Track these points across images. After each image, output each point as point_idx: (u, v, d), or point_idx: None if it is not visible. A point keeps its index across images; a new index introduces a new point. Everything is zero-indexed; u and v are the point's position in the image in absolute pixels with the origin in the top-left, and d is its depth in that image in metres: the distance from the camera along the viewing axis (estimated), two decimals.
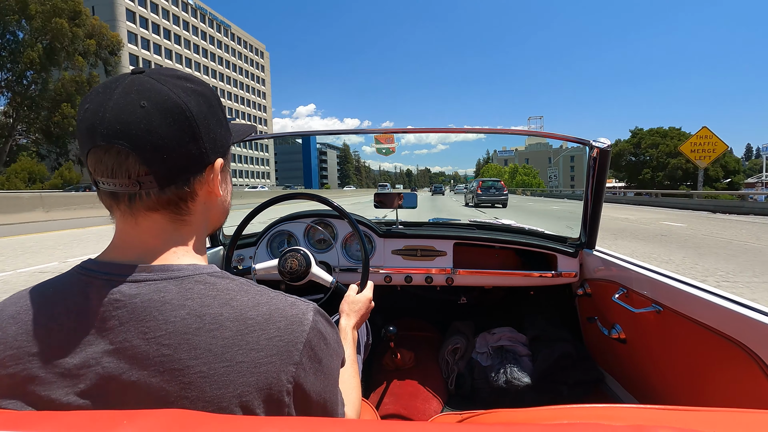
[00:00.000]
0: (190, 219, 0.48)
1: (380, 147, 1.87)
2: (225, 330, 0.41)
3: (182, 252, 0.47)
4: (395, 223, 1.77)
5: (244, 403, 0.39)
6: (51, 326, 0.41)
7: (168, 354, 0.39)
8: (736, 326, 0.84)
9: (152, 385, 0.39)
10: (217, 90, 40.34)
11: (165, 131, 0.42)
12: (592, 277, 1.52)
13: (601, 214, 1.48)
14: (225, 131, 0.50)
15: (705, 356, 0.95)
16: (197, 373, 0.39)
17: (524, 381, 1.50)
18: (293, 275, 1.12)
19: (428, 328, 2.05)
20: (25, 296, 0.44)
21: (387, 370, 1.69)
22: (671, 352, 1.09)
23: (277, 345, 0.42)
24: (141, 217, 0.45)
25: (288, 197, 1.23)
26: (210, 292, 0.43)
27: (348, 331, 0.86)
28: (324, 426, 0.32)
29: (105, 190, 0.44)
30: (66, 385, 0.39)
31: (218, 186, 0.49)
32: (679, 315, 1.01)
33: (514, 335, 1.71)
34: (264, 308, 0.43)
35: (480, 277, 1.65)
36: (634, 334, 1.26)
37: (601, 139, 1.36)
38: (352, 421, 0.41)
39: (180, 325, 0.40)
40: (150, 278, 0.42)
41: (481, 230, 1.80)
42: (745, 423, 0.40)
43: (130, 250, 0.45)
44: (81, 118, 0.43)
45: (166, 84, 0.43)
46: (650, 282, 1.14)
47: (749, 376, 0.81)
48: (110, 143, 0.41)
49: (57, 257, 5.40)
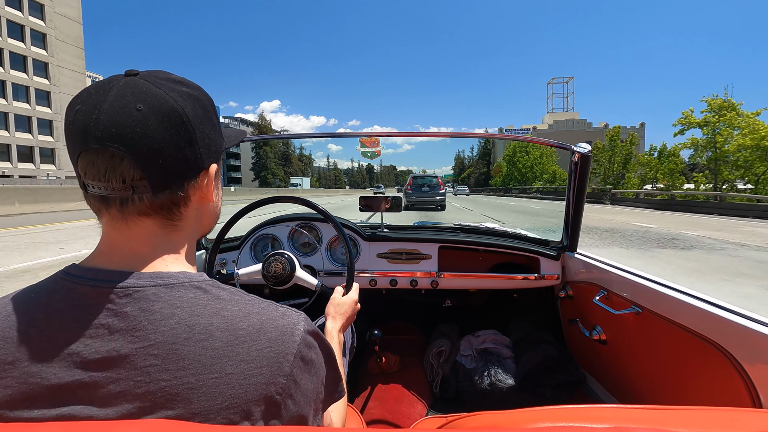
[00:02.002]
0: (181, 224, 0.47)
1: (365, 150, 1.87)
2: (215, 341, 0.40)
3: (172, 259, 0.46)
4: (380, 226, 1.77)
5: (231, 415, 0.39)
6: (31, 333, 0.39)
7: (156, 364, 0.38)
8: (712, 327, 0.87)
9: (138, 395, 0.37)
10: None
11: (161, 135, 0.41)
12: (574, 280, 1.55)
13: (582, 218, 1.51)
14: (219, 136, 0.50)
15: (682, 356, 0.98)
16: (185, 384, 0.38)
17: (508, 383, 1.52)
18: (277, 279, 1.11)
19: (413, 331, 2.06)
20: (6, 303, 0.42)
21: (372, 374, 1.68)
22: (650, 353, 1.12)
23: (268, 356, 0.41)
24: (131, 222, 0.44)
25: (273, 200, 1.21)
26: (200, 301, 0.42)
27: (334, 333, 0.85)
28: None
29: (95, 194, 0.43)
30: (47, 394, 0.37)
31: (212, 191, 0.49)
32: (658, 316, 1.04)
33: (498, 338, 1.73)
34: (255, 318, 0.43)
35: (464, 280, 1.66)
36: (615, 335, 1.29)
37: (582, 145, 1.39)
38: (337, 430, 0.41)
39: (169, 334, 0.39)
40: (139, 285, 0.41)
41: (465, 233, 1.82)
42: (721, 421, 0.41)
43: (118, 256, 0.44)
44: (71, 120, 0.41)
45: (162, 88, 0.43)
46: (629, 284, 1.17)
47: (724, 375, 0.84)
48: (104, 146, 0.40)
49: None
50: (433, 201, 13.68)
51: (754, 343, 0.77)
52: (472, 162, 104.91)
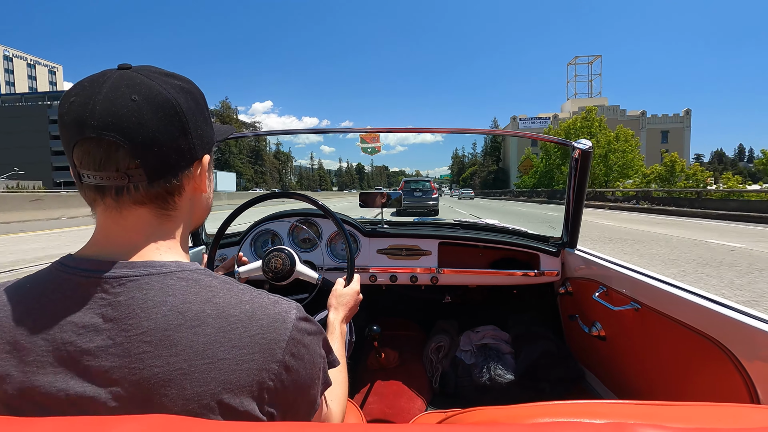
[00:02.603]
0: (175, 214, 0.48)
1: (366, 146, 1.87)
2: (207, 327, 0.40)
3: (165, 248, 0.46)
4: (380, 222, 1.77)
5: (224, 400, 0.39)
6: (25, 324, 0.40)
7: (149, 351, 0.39)
8: (710, 323, 0.87)
9: (132, 382, 0.38)
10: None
11: (156, 125, 0.42)
12: (574, 276, 1.55)
13: (582, 215, 1.51)
14: (210, 129, 0.51)
15: (681, 352, 0.98)
16: (178, 370, 0.38)
17: (507, 379, 1.52)
18: (277, 275, 1.11)
19: (413, 327, 2.06)
20: (1, 293, 0.43)
21: (372, 370, 1.69)
22: (649, 349, 1.12)
23: (260, 342, 0.42)
24: (126, 211, 0.44)
25: (274, 196, 1.21)
26: (192, 289, 0.43)
27: (336, 325, 0.85)
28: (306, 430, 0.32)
29: (90, 184, 0.43)
30: (41, 384, 0.38)
31: (205, 182, 0.50)
32: (657, 312, 1.04)
33: (497, 333, 1.73)
34: (247, 306, 0.43)
35: (464, 276, 1.67)
36: (614, 331, 1.29)
37: (583, 141, 1.39)
38: (336, 426, 0.41)
39: (161, 321, 0.40)
40: (132, 275, 0.42)
41: (465, 230, 1.82)
42: (719, 416, 0.41)
43: (113, 245, 0.44)
44: (66, 111, 0.42)
45: (155, 80, 0.44)
46: (629, 280, 1.17)
47: (723, 371, 0.84)
48: (101, 135, 0.40)
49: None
50: (426, 206, 13.34)
51: (752, 340, 0.77)
52: (474, 160, 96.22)
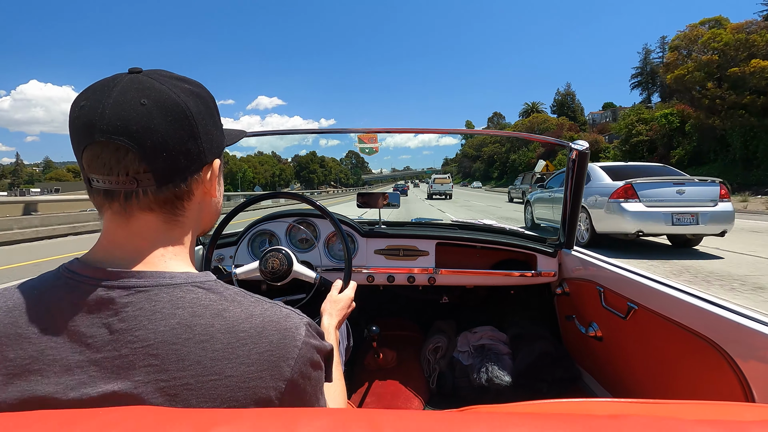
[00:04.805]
0: (183, 220, 0.47)
1: (364, 146, 1.87)
2: (215, 342, 0.40)
3: (171, 255, 0.46)
4: (378, 222, 1.77)
5: None
6: (32, 330, 0.39)
7: (156, 364, 0.38)
8: (706, 324, 0.87)
9: (136, 395, 0.37)
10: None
11: (165, 129, 0.42)
12: (570, 277, 1.55)
13: (579, 215, 1.52)
14: (220, 133, 0.51)
15: (677, 353, 0.99)
16: (184, 385, 0.38)
17: (505, 379, 1.52)
18: (275, 275, 1.11)
19: (411, 327, 2.06)
20: (8, 297, 0.42)
21: (369, 370, 1.69)
22: (645, 349, 1.13)
23: (269, 360, 0.41)
24: (134, 217, 0.44)
25: (270, 196, 1.21)
26: (202, 302, 0.42)
27: (331, 330, 0.86)
28: (302, 415, 0.32)
29: (99, 188, 0.43)
30: (44, 392, 0.37)
31: (215, 187, 0.50)
32: (653, 313, 1.04)
33: (495, 334, 1.73)
34: (257, 320, 0.42)
35: (462, 276, 1.67)
36: (610, 331, 1.30)
37: (580, 142, 1.39)
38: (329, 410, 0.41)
39: (169, 335, 0.39)
40: (141, 285, 0.41)
41: (463, 230, 1.82)
42: (713, 413, 0.41)
43: (120, 251, 0.44)
44: (76, 115, 0.42)
45: (165, 84, 0.44)
46: (625, 281, 1.17)
47: (718, 371, 0.85)
48: (110, 139, 0.40)
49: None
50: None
51: (747, 340, 0.78)
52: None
